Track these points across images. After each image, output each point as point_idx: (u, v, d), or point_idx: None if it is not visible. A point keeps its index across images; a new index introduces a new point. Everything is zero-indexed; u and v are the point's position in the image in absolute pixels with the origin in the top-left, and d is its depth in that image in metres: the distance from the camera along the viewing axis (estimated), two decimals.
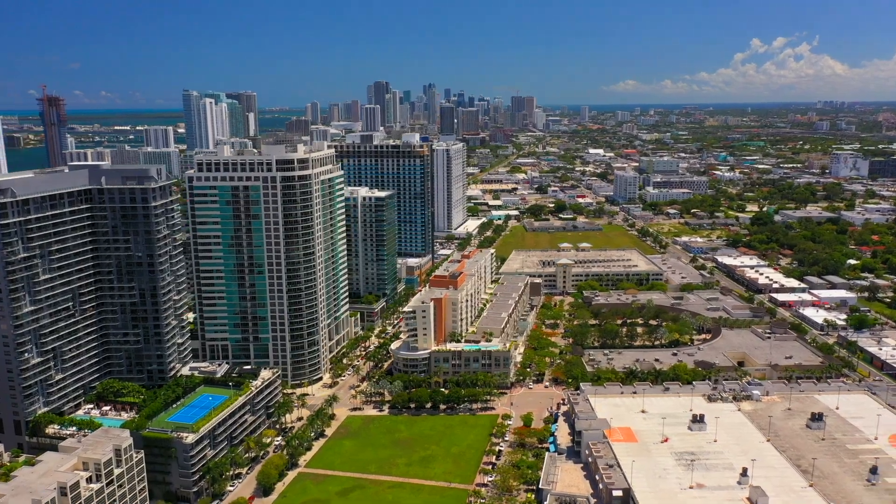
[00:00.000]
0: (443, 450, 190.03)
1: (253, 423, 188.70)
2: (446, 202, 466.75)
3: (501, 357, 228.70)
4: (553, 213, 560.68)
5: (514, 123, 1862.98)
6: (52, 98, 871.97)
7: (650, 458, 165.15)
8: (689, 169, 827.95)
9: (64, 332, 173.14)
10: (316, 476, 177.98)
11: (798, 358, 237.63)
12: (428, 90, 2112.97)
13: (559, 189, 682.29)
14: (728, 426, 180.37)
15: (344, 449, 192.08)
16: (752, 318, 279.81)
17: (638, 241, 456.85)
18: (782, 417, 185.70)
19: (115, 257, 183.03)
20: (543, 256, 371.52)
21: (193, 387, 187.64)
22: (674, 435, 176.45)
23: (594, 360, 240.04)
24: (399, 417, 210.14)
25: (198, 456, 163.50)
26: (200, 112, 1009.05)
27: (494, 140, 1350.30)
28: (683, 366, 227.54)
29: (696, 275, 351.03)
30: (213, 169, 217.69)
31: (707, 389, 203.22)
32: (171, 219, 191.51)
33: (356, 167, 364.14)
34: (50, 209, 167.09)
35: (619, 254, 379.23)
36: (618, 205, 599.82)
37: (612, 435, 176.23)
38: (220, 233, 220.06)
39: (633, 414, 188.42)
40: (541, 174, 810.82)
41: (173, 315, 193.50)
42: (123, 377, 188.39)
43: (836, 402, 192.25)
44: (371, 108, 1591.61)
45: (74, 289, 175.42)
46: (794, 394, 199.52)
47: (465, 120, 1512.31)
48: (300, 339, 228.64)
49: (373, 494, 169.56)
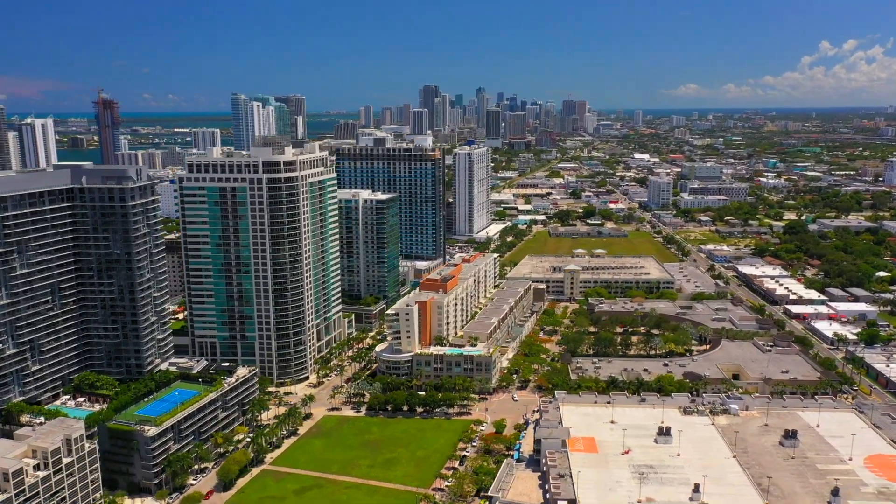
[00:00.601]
0: (409, 453, 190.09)
1: (225, 419, 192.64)
2: (467, 206, 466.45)
3: (483, 362, 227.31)
4: (581, 218, 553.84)
5: (563, 128, 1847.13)
6: (107, 101, 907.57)
7: (606, 470, 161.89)
8: (734, 175, 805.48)
9: (41, 325, 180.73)
10: (278, 474, 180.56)
11: (795, 373, 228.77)
12: (479, 94, 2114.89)
13: (593, 194, 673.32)
14: (696, 440, 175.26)
15: (312, 448, 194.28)
16: (757, 330, 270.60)
17: (662, 248, 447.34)
18: (757, 433, 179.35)
19: (95, 254, 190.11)
20: (556, 262, 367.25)
21: (168, 382, 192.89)
22: (638, 447, 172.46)
23: (581, 369, 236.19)
24: (374, 419, 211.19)
25: (159, 449, 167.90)
26: (248, 115, 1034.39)
27: (540, 144, 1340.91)
28: (669, 377, 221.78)
29: (711, 284, 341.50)
30: (202, 170, 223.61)
31: (685, 402, 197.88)
32: (152, 217, 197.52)
33: (369, 170, 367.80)
34: (29, 207, 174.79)
35: (633, 261, 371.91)
36: (650, 211, 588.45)
37: (573, 444, 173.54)
38: (208, 232, 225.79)
39: (601, 424, 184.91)
40: (578, 179, 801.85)
41: (152, 311, 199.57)
42: (103, 370, 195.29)
43: (819, 420, 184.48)
44: (419, 112, 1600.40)
45: (53, 283, 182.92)
46: (775, 409, 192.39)
47: (513, 124, 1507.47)
48: (286, 339, 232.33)
49: (328, 494, 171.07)
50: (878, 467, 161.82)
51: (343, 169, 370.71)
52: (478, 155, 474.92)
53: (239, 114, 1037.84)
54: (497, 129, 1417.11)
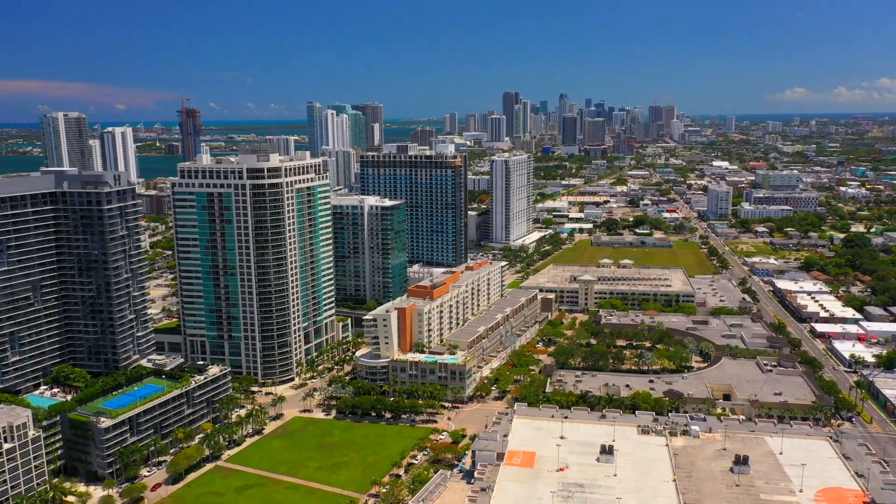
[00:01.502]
0: (360, 458, 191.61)
1: (191, 415, 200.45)
2: (504, 214, 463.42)
3: (457, 371, 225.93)
4: (630, 227, 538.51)
5: (648, 134, 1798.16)
6: (190, 110, 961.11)
7: (532, 486, 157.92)
8: (814, 184, 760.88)
9: (22, 319, 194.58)
10: (228, 471, 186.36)
11: (789, 395, 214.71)
12: (561, 100, 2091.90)
13: (651, 203, 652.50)
14: (641, 461, 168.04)
15: (270, 448, 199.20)
16: (766, 349, 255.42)
17: (704, 259, 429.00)
18: (710, 457, 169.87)
19: (75, 254, 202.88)
20: (578, 272, 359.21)
21: (140, 377, 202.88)
22: (577, 464, 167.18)
23: (562, 382, 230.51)
24: (340, 423, 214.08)
25: (113, 440, 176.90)
26: (322, 123, 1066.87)
27: (617, 150, 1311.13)
28: (646, 394, 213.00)
29: (738, 299, 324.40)
30: (192, 176, 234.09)
31: (648, 420, 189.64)
32: (131, 220, 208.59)
33: (392, 176, 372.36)
34: (10, 209, 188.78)
35: (659, 272, 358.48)
36: (707, 220, 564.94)
37: (511, 458, 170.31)
38: (197, 235, 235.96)
39: (549, 439, 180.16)
40: (643, 187, 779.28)
41: (130, 309, 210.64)
42: (83, 364, 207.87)
43: (784, 447, 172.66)
44: (496, 119, 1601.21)
45: (35, 281, 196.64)
46: (742, 433, 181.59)
47: (591, 130, 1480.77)
48: (270, 340, 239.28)
49: (267, 493, 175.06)
50: (829, 501, 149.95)
51: (367, 175, 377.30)
52: (516, 162, 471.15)
53: (314, 121, 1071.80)
54: (573, 136, 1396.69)
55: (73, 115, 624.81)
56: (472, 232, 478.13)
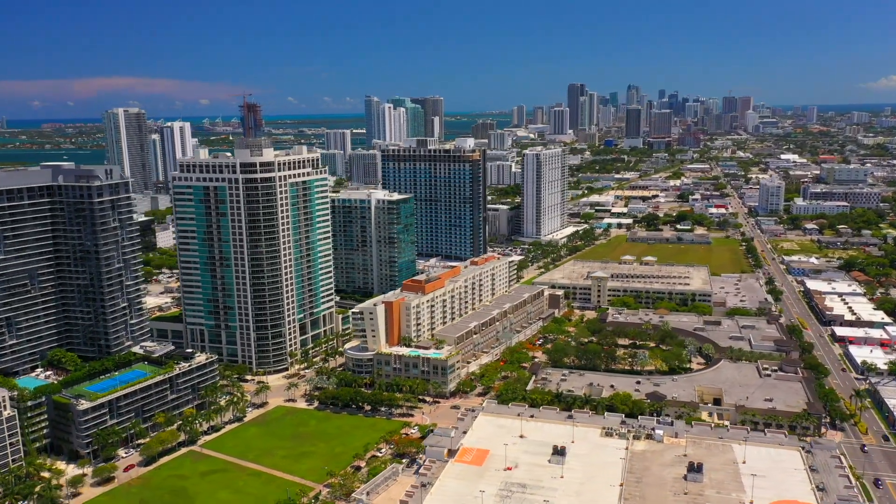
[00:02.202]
0: (328, 448, 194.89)
1: (175, 400, 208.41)
2: (535, 208, 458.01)
3: (439, 365, 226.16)
4: (672, 222, 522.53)
5: (720, 126, 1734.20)
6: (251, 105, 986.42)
7: (473, 484, 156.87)
8: (886, 178, 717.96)
9: (19, 305, 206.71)
10: (199, 455, 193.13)
11: (781, 402, 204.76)
12: (629, 91, 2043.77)
13: (701, 197, 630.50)
14: (593, 463, 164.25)
15: (246, 435, 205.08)
16: (772, 352, 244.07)
17: (742, 257, 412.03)
18: (667, 463, 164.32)
19: (71, 245, 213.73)
20: (598, 268, 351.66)
21: (129, 362, 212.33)
22: (527, 464, 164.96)
23: (546, 380, 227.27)
24: (320, 413, 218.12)
25: (91, 422, 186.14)
26: (380, 116, 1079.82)
27: (682, 143, 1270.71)
28: (625, 395, 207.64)
29: (761, 299, 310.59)
30: (190, 170, 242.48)
31: (615, 423, 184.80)
32: (124, 213, 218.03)
33: (412, 170, 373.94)
34: (7, 201, 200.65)
35: (681, 270, 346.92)
36: (756, 216, 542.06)
37: (463, 455, 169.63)
38: (195, 227, 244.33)
39: (507, 437, 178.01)
40: (699, 181, 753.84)
41: (123, 298, 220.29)
42: (79, 349, 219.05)
43: (748, 456, 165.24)
44: (559, 111, 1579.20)
45: (31, 269, 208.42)
46: (709, 440, 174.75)
47: (656, 122, 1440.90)
48: (264, 331, 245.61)
49: (229, 478, 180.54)
50: None
51: (388, 169, 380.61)
52: (548, 156, 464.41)
53: (371, 115, 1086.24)
54: (637, 128, 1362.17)
55: (133, 111, 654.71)
56: (503, 226, 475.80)
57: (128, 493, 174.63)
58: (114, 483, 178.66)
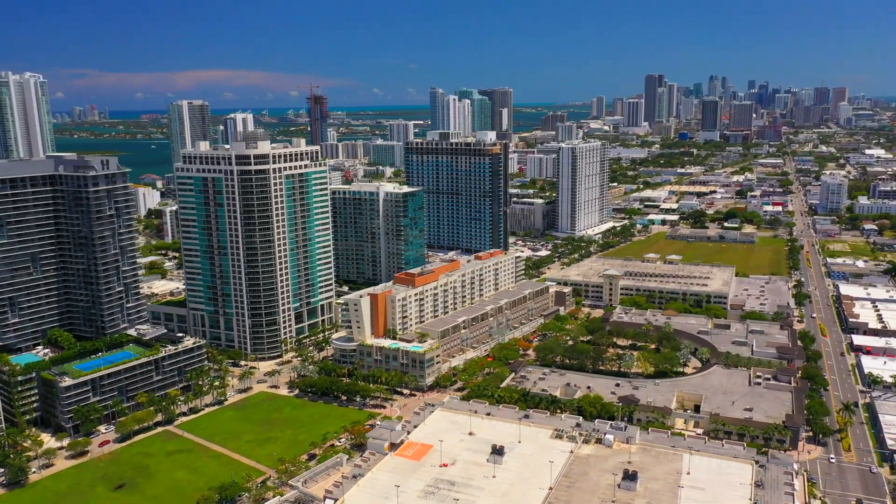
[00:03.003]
0: (292, 435, 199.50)
1: (160, 381, 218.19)
2: (570, 203, 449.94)
3: (418, 359, 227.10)
4: (720, 220, 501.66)
5: (808, 118, 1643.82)
6: (318, 97, 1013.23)
7: (403, 478, 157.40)
8: None
9: (22, 286, 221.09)
10: (171, 435, 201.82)
11: (761, 412, 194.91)
12: (711, 82, 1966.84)
13: (761, 194, 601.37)
14: (530, 465, 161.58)
15: (221, 418, 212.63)
16: (772, 360, 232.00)
17: (783, 258, 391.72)
18: (607, 469, 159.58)
19: (71, 231, 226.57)
20: (620, 265, 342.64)
21: (121, 344, 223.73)
22: (465, 462, 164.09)
23: (525, 377, 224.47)
24: (298, 401, 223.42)
25: (73, 398, 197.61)
26: (444, 108, 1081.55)
27: (762, 136, 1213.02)
28: (596, 397, 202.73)
29: (783, 303, 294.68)
30: (191, 161, 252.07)
31: (569, 425, 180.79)
32: (121, 202, 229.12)
33: (434, 163, 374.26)
34: (10, 189, 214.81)
35: (703, 270, 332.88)
36: (814, 215, 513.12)
37: (406, 449, 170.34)
38: (195, 217, 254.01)
39: (456, 434, 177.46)
40: (764, 176, 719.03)
41: (119, 282, 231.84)
42: (79, 329, 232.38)
43: (694, 467, 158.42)
44: (633, 103, 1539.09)
45: (34, 253, 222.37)
46: (662, 448, 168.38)
47: (736, 114, 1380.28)
48: (258, 318, 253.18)
49: (191, 459, 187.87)
50: None
51: (411, 162, 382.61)
52: (585, 150, 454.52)
53: (436, 107, 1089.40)
54: (714, 121, 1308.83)
55: (196, 103, 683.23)
56: (538, 220, 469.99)
57: (96, 466, 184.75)
58: (86, 457, 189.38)
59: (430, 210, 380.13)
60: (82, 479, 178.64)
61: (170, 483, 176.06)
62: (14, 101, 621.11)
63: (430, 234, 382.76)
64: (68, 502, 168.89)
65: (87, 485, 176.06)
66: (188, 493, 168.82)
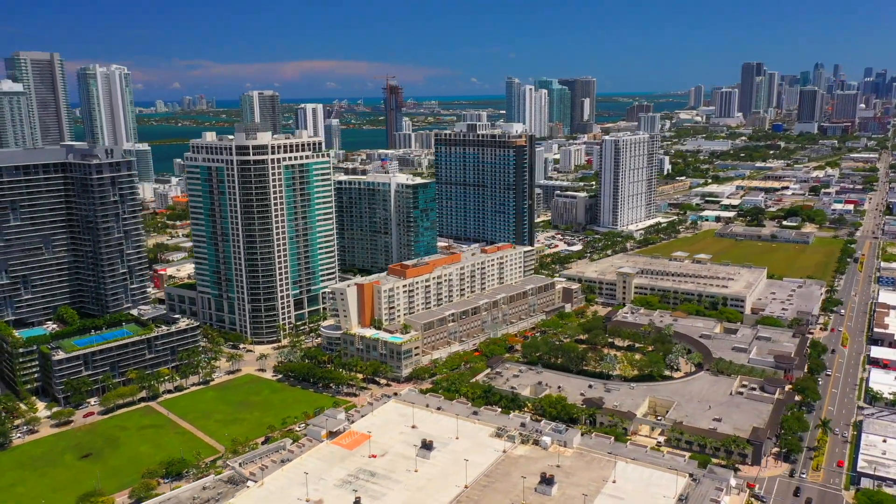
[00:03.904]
0: (259, 418, 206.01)
1: (152, 359, 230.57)
2: (612, 197, 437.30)
3: (395, 350, 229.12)
4: (781, 217, 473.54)
5: None
6: (393, 87, 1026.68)
7: (328, 466, 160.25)
8: None
9: (34, 265, 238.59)
10: (150, 411, 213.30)
11: (729, 424, 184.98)
12: (816, 70, 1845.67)
13: (838, 191, 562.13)
14: (457, 462, 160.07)
15: (202, 398, 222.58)
16: (767, 368, 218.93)
17: (833, 261, 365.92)
18: (533, 472, 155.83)
19: (80, 216, 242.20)
20: (645, 263, 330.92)
21: (120, 322, 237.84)
22: (395, 454, 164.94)
23: (500, 374, 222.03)
24: (279, 385, 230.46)
25: (65, 371, 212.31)
26: (520, 98, 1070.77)
27: (865, 129, 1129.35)
28: (558, 398, 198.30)
29: (809, 309, 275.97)
30: (198, 151, 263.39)
31: (515, 424, 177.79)
32: (126, 188, 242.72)
33: (461, 155, 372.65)
34: (23, 175, 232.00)
35: (728, 270, 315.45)
36: (888, 214, 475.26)
37: (343, 438, 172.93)
38: (202, 204, 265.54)
39: (398, 425, 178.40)
40: (849, 172, 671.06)
41: (123, 265, 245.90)
42: (88, 307, 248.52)
43: (624, 475, 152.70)
44: (726, 93, 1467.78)
45: (45, 235, 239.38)
46: (597, 454, 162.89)
47: (839, 104, 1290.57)
48: (258, 303, 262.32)
49: (159, 434, 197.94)
50: None
51: (441, 154, 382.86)
52: (629, 142, 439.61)
53: (512, 97, 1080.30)
54: (811, 111, 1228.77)
55: (267, 94, 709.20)
56: (580, 214, 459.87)
57: (74, 435, 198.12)
58: (69, 426, 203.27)
59: (457, 202, 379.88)
60: (57, 446, 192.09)
61: (131, 455, 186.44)
62: (101, 92, 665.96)
63: (457, 226, 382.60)
64: (38, 465, 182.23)
65: (59, 452, 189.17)
66: (143, 465, 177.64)
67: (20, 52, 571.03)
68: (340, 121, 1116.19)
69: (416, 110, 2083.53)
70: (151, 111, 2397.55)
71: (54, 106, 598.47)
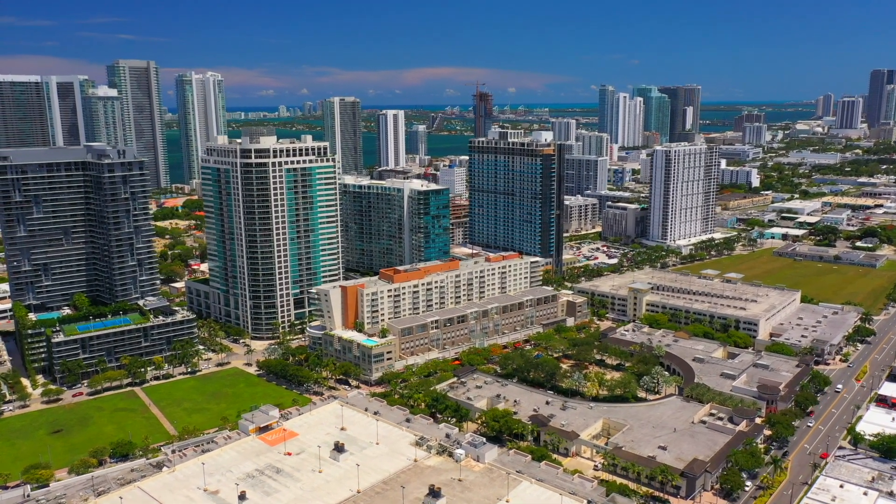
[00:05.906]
0: (222, 409, 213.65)
1: (148, 347, 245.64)
2: (661, 210, 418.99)
3: (366, 353, 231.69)
4: (856, 238, 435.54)
5: None
6: (483, 94, 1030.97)
7: (242, 458, 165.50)
8: None
9: (54, 255, 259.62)
10: (131, 395, 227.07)
11: (673, 454, 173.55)
12: None
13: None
14: (364, 467, 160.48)
15: (182, 386, 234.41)
16: (745, 397, 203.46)
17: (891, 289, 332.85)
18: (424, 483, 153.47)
19: (96, 211, 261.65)
20: (672, 280, 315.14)
21: (125, 311, 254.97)
22: (310, 455, 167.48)
23: (463, 384, 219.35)
24: (257, 379, 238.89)
25: (63, 353, 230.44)
26: (613, 106, 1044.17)
27: None
28: (504, 412, 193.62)
29: (834, 339, 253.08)
30: (211, 154, 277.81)
31: (440, 434, 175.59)
32: (137, 186, 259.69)
33: (493, 163, 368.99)
34: (46, 172, 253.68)
35: (757, 292, 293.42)
36: None
37: (270, 434, 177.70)
38: (213, 204, 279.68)
39: (328, 427, 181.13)
40: None
41: (132, 258, 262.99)
42: (102, 296, 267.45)
43: (522, 496, 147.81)
44: (849, 102, 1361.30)
45: (66, 227, 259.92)
46: (505, 470, 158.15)
47: None
48: (258, 300, 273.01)
49: (129, 417, 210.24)
50: None
51: (474, 161, 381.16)
52: (682, 154, 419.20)
53: (605, 105, 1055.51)
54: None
55: (348, 100, 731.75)
56: (630, 226, 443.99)
57: (55, 413, 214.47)
58: (57, 404, 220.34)
59: (487, 210, 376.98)
60: (38, 421, 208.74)
61: (94, 434, 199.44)
62: (196, 97, 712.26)
63: (487, 234, 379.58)
64: (13, 437, 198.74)
65: (36, 427, 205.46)
66: (100, 444, 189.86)
67: (119, 60, 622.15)
68: (444, 126, 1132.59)
69: (505, 116, 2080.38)
70: (275, 116, 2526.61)
71: (149, 110, 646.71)
